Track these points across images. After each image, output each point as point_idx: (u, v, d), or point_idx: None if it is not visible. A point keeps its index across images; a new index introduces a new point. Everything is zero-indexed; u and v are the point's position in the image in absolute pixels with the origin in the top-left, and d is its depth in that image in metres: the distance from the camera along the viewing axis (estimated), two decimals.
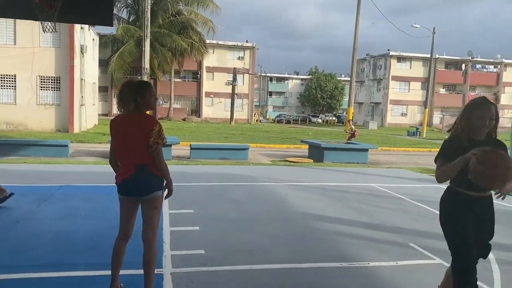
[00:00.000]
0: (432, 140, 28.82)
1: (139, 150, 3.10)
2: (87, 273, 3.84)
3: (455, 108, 53.64)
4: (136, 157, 3.13)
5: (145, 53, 18.64)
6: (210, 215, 6.07)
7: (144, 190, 3.16)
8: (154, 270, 3.25)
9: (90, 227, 5.30)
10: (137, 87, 3.18)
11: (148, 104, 3.20)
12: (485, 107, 2.83)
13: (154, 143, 3.07)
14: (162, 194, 3.25)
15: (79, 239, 4.81)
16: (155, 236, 3.23)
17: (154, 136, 3.07)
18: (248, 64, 48.50)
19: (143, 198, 3.18)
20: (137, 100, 3.12)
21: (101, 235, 4.92)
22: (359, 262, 4.39)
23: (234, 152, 13.96)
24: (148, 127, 3.09)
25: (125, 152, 3.19)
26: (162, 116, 43.71)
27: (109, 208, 6.04)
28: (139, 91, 3.15)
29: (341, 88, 68.88)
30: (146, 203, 3.19)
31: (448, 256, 4.68)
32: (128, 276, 3.61)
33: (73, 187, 7.79)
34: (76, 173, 9.37)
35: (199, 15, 40.73)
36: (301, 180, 9.48)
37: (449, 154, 2.85)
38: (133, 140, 3.11)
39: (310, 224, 5.86)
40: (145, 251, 3.20)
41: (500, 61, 53.05)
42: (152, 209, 3.20)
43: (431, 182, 10.19)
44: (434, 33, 34.47)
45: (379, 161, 15.30)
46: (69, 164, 10.88)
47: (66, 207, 6.21)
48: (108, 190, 6.99)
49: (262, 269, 4.12)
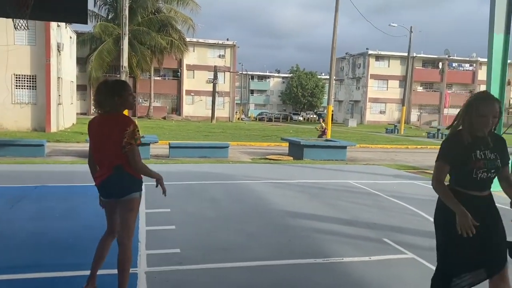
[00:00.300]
0: (410, 137, 29.31)
1: (115, 151, 3.05)
2: (60, 274, 3.80)
3: (432, 106, 54.70)
4: (112, 159, 3.09)
5: (123, 51, 18.43)
6: (187, 214, 6.07)
7: (121, 192, 3.13)
8: (129, 271, 3.22)
9: (64, 227, 5.23)
10: (114, 87, 3.14)
11: (126, 104, 3.16)
12: (489, 104, 2.64)
13: (127, 143, 3.02)
14: (139, 196, 3.20)
15: (53, 240, 4.75)
16: (130, 238, 3.19)
17: (127, 137, 3.02)
18: (229, 62, 48.43)
19: (119, 200, 3.15)
20: (114, 100, 3.08)
21: (76, 236, 4.87)
22: (334, 258, 4.46)
23: (214, 150, 13.95)
24: (122, 128, 3.03)
25: (101, 154, 3.15)
26: (142, 114, 43.29)
27: (85, 208, 5.98)
28: (116, 91, 3.11)
29: (321, 86, 69.37)
30: (122, 204, 3.16)
31: (420, 250, 4.83)
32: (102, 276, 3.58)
33: (48, 187, 7.67)
34: (52, 173, 9.23)
35: (178, 13, 40.49)
36: (280, 178, 9.54)
37: (448, 155, 2.71)
38: (109, 141, 3.06)
39: (286, 221, 5.91)
40: (119, 253, 3.17)
41: (475, 59, 54.21)
42: (128, 211, 3.16)
43: (407, 178, 10.39)
44: (411, 32, 35.04)
45: (357, 158, 15.49)
46: (45, 164, 10.71)
47: (40, 208, 6.12)
48: (84, 189, 6.96)
49: (237, 266, 4.15)
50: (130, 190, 3.13)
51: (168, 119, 43.13)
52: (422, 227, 5.87)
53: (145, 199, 6.87)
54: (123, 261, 3.16)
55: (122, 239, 3.18)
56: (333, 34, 22.16)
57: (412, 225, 5.94)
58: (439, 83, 54.68)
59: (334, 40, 22.17)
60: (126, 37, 18.61)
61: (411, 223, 6.07)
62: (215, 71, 43.57)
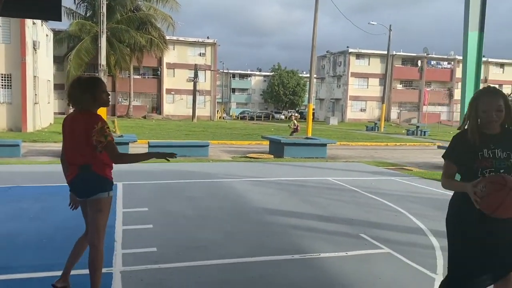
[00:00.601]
0: (389, 135, 29.69)
1: (83, 150, 3.00)
2: (33, 275, 3.73)
3: (411, 103, 55.51)
4: (80, 157, 3.03)
5: (101, 49, 18.14)
6: (164, 213, 6.01)
7: (87, 192, 3.07)
8: (101, 272, 3.16)
9: (38, 228, 5.13)
10: (87, 84, 3.07)
11: (100, 101, 3.09)
12: (490, 98, 2.49)
13: (98, 141, 2.95)
14: (108, 196, 3.12)
15: (26, 241, 4.65)
16: (100, 239, 3.13)
17: (96, 135, 2.94)
18: (210, 60, 48.20)
19: (88, 200, 3.10)
20: (87, 97, 3.02)
21: (49, 237, 4.78)
22: (311, 254, 4.48)
23: (194, 149, 13.85)
24: (90, 126, 2.96)
25: (71, 152, 3.10)
26: (121, 114, 42.82)
27: (60, 209, 5.86)
28: (89, 88, 3.04)
29: (303, 84, 69.73)
30: (90, 205, 3.10)
31: (396, 245, 4.89)
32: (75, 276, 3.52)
33: (23, 188, 7.51)
34: (28, 174, 9.04)
35: (158, 11, 40.15)
36: (260, 176, 9.54)
37: (453, 153, 2.60)
38: (78, 140, 3.01)
39: (265, 219, 5.91)
40: (90, 254, 3.12)
41: (453, 57, 55.19)
42: (96, 212, 3.09)
43: (385, 175, 10.51)
44: (390, 31, 35.45)
45: (337, 155, 15.60)
46: (21, 165, 10.48)
47: (14, 209, 5.99)
48: (60, 190, 6.82)
49: (214, 264, 4.13)
50: (97, 190, 3.06)
51: (148, 118, 42.72)
52: (398, 222, 5.95)
53: (123, 198, 6.82)
54: (93, 262, 3.10)
55: (92, 240, 3.12)
56: (313, 32, 22.27)
57: (388, 221, 6.01)
58: (418, 81, 55.52)
59: (314, 39, 22.28)
60: (104, 35, 18.34)
61: (388, 218, 6.15)
62: (195, 69, 43.33)
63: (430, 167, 12.60)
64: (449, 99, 54.17)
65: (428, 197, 7.88)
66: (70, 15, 39.27)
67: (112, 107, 42.76)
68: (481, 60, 9.56)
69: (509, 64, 58.73)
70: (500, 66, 58.85)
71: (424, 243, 5.01)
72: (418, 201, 7.42)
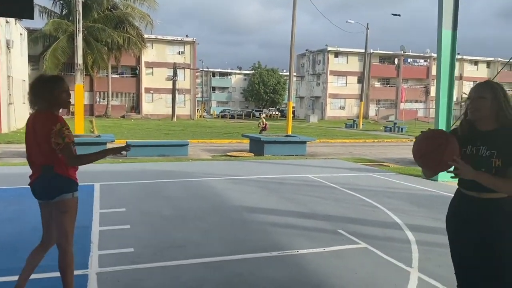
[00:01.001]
0: (368, 132, 30.06)
1: (44, 150, 2.91)
2: (5, 279, 3.65)
3: (389, 101, 56.28)
4: (41, 158, 2.94)
5: (77, 48, 17.81)
6: (142, 213, 5.96)
7: (50, 193, 2.97)
8: (72, 274, 3.09)
9: (11, 231, 5.03)
10: (46, 83, 3.00)
11: (59, 101, 3.00)
12: (474, 89, 2.35)
13: (55, 143, 2.87)
14: (72, 196, 3.02)
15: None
16: (68, 242, 3.05)
17: (54, 136, 2.86)
18: (189, 59, 47.86)
19: (51, 202, 3.00)
20: (45, 96, 2.94)
21: (22, 240, 4.67)
22: (288, 251, 4.51)
23: (173, 148, 13.76)
24: (49, 127, 2.88)
25: (32, 153, 3.01)
26: (99, 113, 42.19)
27: (33, 211, 5.72)
28: (48, 87, 2.96)
29: (283, 83, 69.91)
30: (54, 207, 3.00)
31: (373, 239, 4.96)
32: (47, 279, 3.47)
33: None
34: (1, 176, 8.83)
35: (136, 9, 39.66)
36: (239, 174, 9.54)
37: None
38: (39, 140, 2.92)
39: (243, 217, 5.92)
40: (59, 257, 3.05)
41: (429, 55, 56.12)
42: (61, 214, 3.00)
43: (363, 171, 10.65)
44: (367, 29, 35.89)
45: (317, 152, 15.72)
46: None
47: None
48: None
49: (191, 263, 4.12)
50: (61, 191, 2.97)
51: (127, 117, 42.20)
52: (375, 217, 6.04)
53: (100, 198, 6.73)
54: (63, 265, 3.04)
55: (60, 243, 3.05)
56: (291, 31, 22.36)
57: (366, 216, 6.09)
58: (395, 78, 56.32)
59: (293, 37, 22.38)
60: (80, 34, 18.00)
61: (365, 213, 6.23)
62: (174, 68, 42.98)
63: (407, 163, 12.82)
64: (426, 96, 55.17)
65: (405, 192, 8.02)
66: (45, 14, 38.50)
67: (90, 107, 42.11)
68: (455, 57, 9.77)
69: (482, 61, 60.12)
70: (474, 64, 60.19)
71: (400, 237, 5.10)
72: (395, 196, 7.54)
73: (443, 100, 9.57)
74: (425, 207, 6.78)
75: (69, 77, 38.62)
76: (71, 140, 2.92)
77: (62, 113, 3.33)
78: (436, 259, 4.34)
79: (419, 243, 4.87)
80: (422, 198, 7.59)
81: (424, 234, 5.19)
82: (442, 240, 4.72)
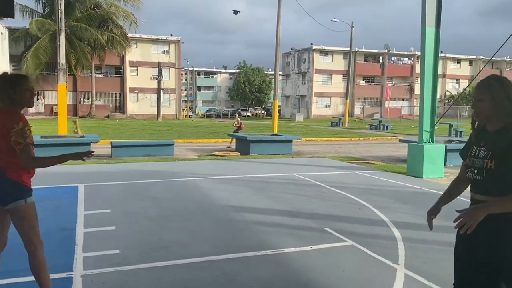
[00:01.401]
0: (353, 130, 30.25)
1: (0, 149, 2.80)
2: None
3: (374, 99, 56.78)
4: None
5: (60, 47, 17.56)
6: (127, 214, 5.89)
7: (2, 199, 2.83)
8: (45, 276, 3.02)
9: None
10: (8, 81, 2.88)
11: (21, 100, 2.89)
12: (475, 89, 2.27)
13: (15, 143, 2.76)
14: (26, 203, 2.87)
15: None
16: (36, 245, 2.95)
17: (14, 135, 2.76)
18: (174, 58, 47.62)
19: (6, 209, 2.86)
20: (7, 94, 2.83)
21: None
22: (275, 250, 4.50)
23: (159, 148, 13.65)
24: (9, 126, 2.77)
25: None
26: (83, 114, 41.68)
27: None
28: (10, 85, 2.85)
29: (269, 82, 70.04)
30: (11, 214, 2.88)
31: (359, 237, 4.98)
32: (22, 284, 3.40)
33: None
34: None
35: (119, 8, 39.29)
36: (225, 174, 9.51)
37: (461, 150, 2.43)
38: None
39: (230, 216, 5.89)
40: (30, 262, 2.97)
41: (413, 53, 56.78)
42: (18, 220, 2.88)
43: (349, 169, 10.70)
44: (352, 27, 36.12)
45: (303, 151, 15.76)
46: None
47: None
48: None
49: (178, 264, 4.07)
50: (13, 197, 2.83)
51: (112, 118, 41.77)
52: (361, 215, 6.07)
53: (85, 200, 6.64)
54: (35, 269, 2.97)
55: (29, 248, 2.95)
56: (276, 29, 22.38)
57: (352, 214, 6.11)
58: (380, 76, 56.86)
59: (278, 36, 22.40)
60: (62, 33, 17.75)
61: (352, 211, 6.26)
62: (159, 67, 42.68)
63: (392, 161, 12.93)
64: (410, 94, 55.82)
65: (390, 189, 8.08)
66: (26, 13, 37.88)
67: (73, 107, 41.59)
68: (439, 54, 9.87)
69: (465, 59, 61.05)
70: (457, 62, 61.09)
71: (386, 234, 5.13)
72: (381, 194, 7.59)
73: (427, 97, 9.67)
74: (411, 204, 6.84)
75: (52, 77, 38.21)
76: (31, 141, 2.83)
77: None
78: (422, 255, 4.37)
79: (405, 240, 4.91)
80: (407, 195, 7.66)
81: (410, 231, 5.23)
82: (427, 237, 4.78)
